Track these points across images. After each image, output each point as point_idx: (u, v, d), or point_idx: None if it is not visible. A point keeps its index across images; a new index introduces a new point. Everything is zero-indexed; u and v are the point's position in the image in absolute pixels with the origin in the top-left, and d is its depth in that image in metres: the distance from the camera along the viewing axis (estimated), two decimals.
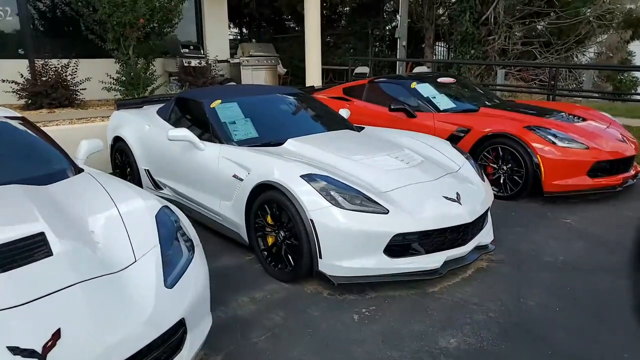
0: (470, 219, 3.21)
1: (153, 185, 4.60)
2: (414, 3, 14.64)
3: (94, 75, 7.71)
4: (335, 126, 4.40)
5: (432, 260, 3.10)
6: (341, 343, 2.62)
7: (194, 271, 2.20)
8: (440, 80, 6.15)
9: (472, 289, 3.19)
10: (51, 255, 1.86)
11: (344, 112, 4.93)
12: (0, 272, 1.73)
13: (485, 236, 3.52)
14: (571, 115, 5.49)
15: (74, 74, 7.49)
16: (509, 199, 4.91)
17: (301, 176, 3.11)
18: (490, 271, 3.43)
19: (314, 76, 9.73)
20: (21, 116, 3.23)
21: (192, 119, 4.40)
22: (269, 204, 3.26)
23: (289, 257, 3.18)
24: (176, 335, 1.98)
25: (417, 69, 12.21)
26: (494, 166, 5.01)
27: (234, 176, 3.54)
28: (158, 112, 4.80)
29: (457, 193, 3.31)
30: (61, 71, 7.33)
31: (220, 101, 4.14)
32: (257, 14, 17.34)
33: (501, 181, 4.97)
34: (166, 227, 2.29)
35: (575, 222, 4.38)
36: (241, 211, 3.48)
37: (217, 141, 3.89)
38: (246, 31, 19.50)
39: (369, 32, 15.87)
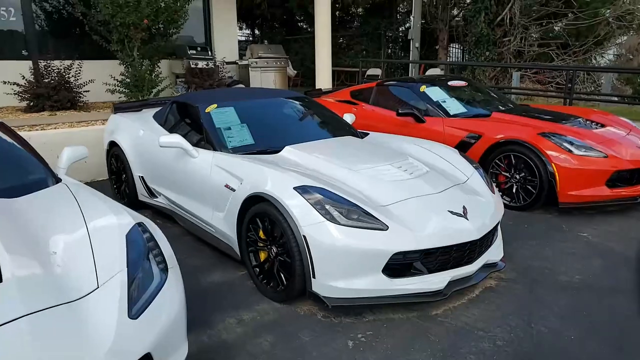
0: (478, 236, 2.96)
1: (148, 193, 4.43)
2: (428, 4, 14.34)
3: (98, 77, 7.61)
4: (337, 132, 4.18)
5: (435, 281, 2.85)
6: None
7: (165, 297, 2.00)
8: (451, 83, 5.89)
9: (479, 311, 2.93)
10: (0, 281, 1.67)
11: (348, 117, 4.70)
12: None
13: (495, 253, 3.27)
14: (589, 121, 5.19)
15: (78, 75, 7.38)
16: (521, 209, 4.63)
17: (294, 188, 2.89)
18: (499, 291, 3.17)
19: (324, 78, 9.53)
20: None
21: (187, 124, 4.21)
22: (261, 218, 3.05)
23: (281, 275, 2.97)
24: None
25: (430, 71, 11.92)
26: (506, 175, 4.74)
27: (226, 186, 3.34)
28: (154, 117, 4.63)
29: (464, 207, 3.07)
30: (64, 73, 7.22)
31: (215, 105, 3.94)
32: (269, 14, 17.18)
33: (513, 191, 4.70)
34: (137, 248, 2.09)
35: (593, 236, 4.09)
36: (233, 224, 3.28)
37: (210, 148, 3.70)
38: (258, 32, 19.37)
39: (382, 33, 15.60)
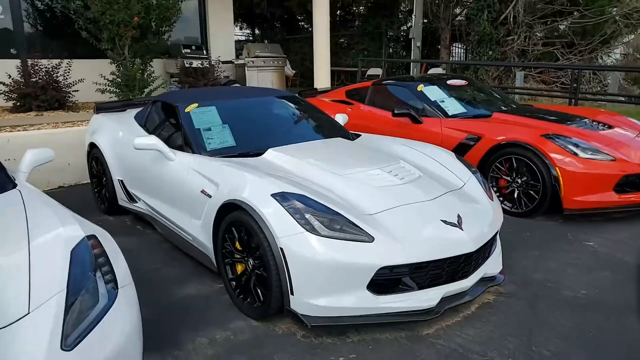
0: (474, 247, 2.70)
1: (127, 197, 4.19)
2: (430, 2, 14.07)
3: (88, 76, 7.39)
4: (327, 134, 3.92)
5: (426, 298, 2.60)
6: None
7: (113, 321, 1.75)
8: (450, 82, 5.62)
9: (474, 331, 2.67)
10: None
11: (340, 118, 4.44)
12: None
13: (493, 265, 3.01)
14: (595, 121, 4.91)
15: (67, 74, 7.16)
16: (523, 215, 4.36)
17: (272, 195, 2.64)
18: (497, 308, 2.91)
19: (322, 78, 9.30)
20: None
21: (168, 125, 3.97)
22: (237, 227, 2.80)
23: (258, 290, 2.72)
24: None
25: (432, 71, 11.65)
26: (507, 179, 4.48)
27: (202, 192, 3.09)
28: (135, 117, 4.40)
29: (459, 215, 2.81)
30: (52, 72, 7.00)
31: (196, 105, 3.70)
32: (269, 14, 16.95)
33: (515, 196, 4.43)
34: (82, 265, 1.85)
35: (599, 245, 3.82)
36: (210, 233, 3.03)
37: (189, 150, 3.46)
38: (258, 32, 19.15)
39: (383, 32, 15.34)
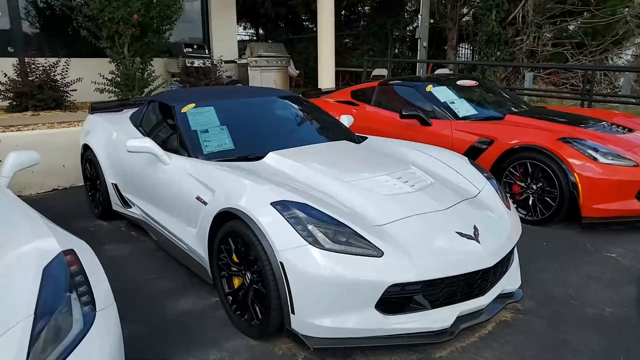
0: (492, 262, 2.47)
1: (121, 202, 3.98)
2: (437, 2, 13.82)
3: (87, 75, 7.18)
4: (331, 136, 3.70)
5: (439, 318, 2.37)
6: None
7: (87, 351, 1.54)
8: (460, 83, 5.39)
9: (492, 354, 2.44)
10: None
11: (345, 119, 4.22)
12: None
13: (511, 280, 2.77)
14: (614, 124, 4.67)
15: (65, 73, 6.97)
16: (538, 224, 4.13)
17: (272, 203, 2.42)
18: (516, 327, 2.68)
19: (326, 78, 9.10)
20: None
21: (164, 126, 3.76)
22: (234, 238, 2.58)
23: (256, 307, 2.50)
24: None
25: (439, 72, 11.40)
26: (522, 185, 4.24)
27: (198, 198, 2.88)
28: (131, 118, 4.19)
29: (475, 227, 2.58)
30: (50, 70, 6.81)
31: (193, 105, 3.49)
32: (273, 13, 16.75)
33: (530, 203, 4.20)
34: (54, 285, 1.64)
35: (622, 257, 3.58)
36: (205, 243, 2.82)
37: (185, 153, 3.24)
38: (262, 31, 18.95)
39: (389, 32, 15.10)
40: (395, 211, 2.54)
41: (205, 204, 2.81)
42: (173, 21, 7.56)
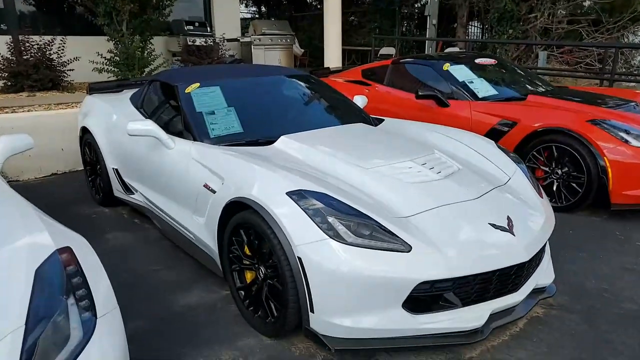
0: (528, 256, 2.27)
1: (123, 188, 3.78)
2: None
3: (85, 54, 6.94)
4: (346, 119, 3.46)
5: (471, 316, 2.17)
6: None
7: None
8: (479, 61, 5.11)
9: (526, 354, 2.25)
10: None
11: (359, 100, 3.98)
12: None
13: (544, 275, 2.57)
14: None
15: (61, 52, 6.70)
16: (562, 210, 3.91)
17: (288, 193, 2.21)
18: (549, 324, 2.49)
19: (333, 57, 8.84)
20: None
21: (165, 107, 3.53)
22: (246, 230, 2.38)
23: (271, 304, 2.31)
24: None
25: (448, 50, 11.06)
26: (546, 170, 4.01)
27: (205, 186, 2.67)
28: (131, 99, 3.95)
29: (508, 217, 2.37)
30: (45, 49, 6.54)
31: (197, 85, 3.25)
32: None
33: (554, 188, 3.97)
34: (49, 288, 1.45)
35: None
36: (214, 233, 2.61)
37: (190, 137, 3.02)
38: (265, 9, 18.49)
39: (396, 9, 14.65)
40: (422, 201, 2.33)
41: (213, 192, 2.60)
42: None
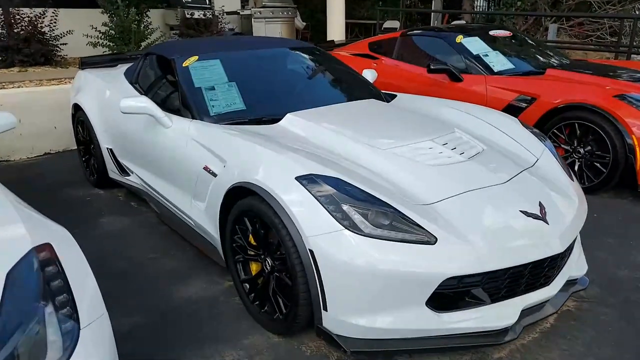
0: (563, 247, 2.05)
1: (118, 169, 3.55)
2: None
3: (78, 27, 6.60)
4: (356, 94, 3.21)
5: (501, 314, 1.96)
6: None
7: None
8: (493, 33, 4.82)
9: (560, 354, 2.06)
10: None
11: (368, 74, 3.71)
12: None
13: (576, 266, 2.36)
14: None
15: (53, 25, 6.37)
16: (586, 192, 3.65)
17: (297, 178, 1.98)
18: (582, 319, 2.29)
19: (336, 31, 8.51)
20: None
21: (162, 83, 3.27)
22: (250, 218, 2.16)
23: (279, 299, 2.10)
24: None
25: (455, 23, 10.66)
26: (567, 148, 3.78)
27: (205, 169, 2.44)
28: (125, 74, 3.69)
29: (541, 204, 2.14)
30: (36, 21, 6.21)
31: (196, 58, 2.99)
32: None
33: (576, 168, 3.74)
34: (22, 296, 1.23)
35: None
36: (215, 220, 2.40)
37: (188, 115, 2.78)
38: None
39: None
40: (446, 186, 2.10)
41: (214, 175, 2.37)
42: None
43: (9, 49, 6.01)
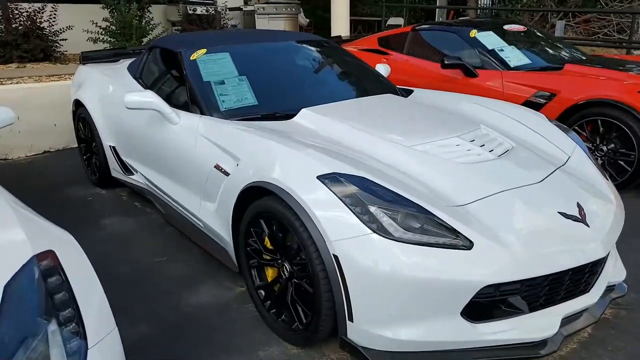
0: (605, 251, 1.91)
1: (121, 168, 3.39)
2: None
3: (78, 23, 6.44)
4: (372, 89, 3.05)
5: (541, 325, 1.81)
6: None
7: None
8: (508, 27, 4.67)
9: None
10: None
11: (382, 69, 3.56)
12: None
13: (615, 271, 2.21)
14: None
15: (52, 20, 6.21)
16: None
17: (319, 177, 1.83)
18: (621, 328, 2.14)
19: (340, 27, 8.38)
20: None
21: (168, 77, 3.12)
22: (267, 219, 2.01)
23: (299, 308, 1.95)
24: None
25: (461, 19, 10.50)
26: (589, 146, 3.62)
27: (217, 167, 2.29)
28: (129, 68, 3.53)
29: (579, 205, 1.99)
30: (35, 17, 6.05)
31: (204, 51, 2.84)
32: None
33: None
34: (23, 311, 1.09)
35: None
36: (228, 221, 2.24)
37: (196, 110, 2.62)
38: None
39: None
40: (478, 186, 1.95)
41: (226, 174, 2.22)
42: None
43: (7, 44, 5.86)
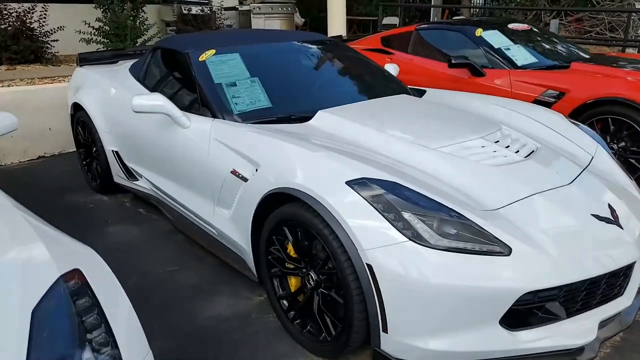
0: (639, 253, 1.86)
1: (125, 173, 3.28)
2: None
3: (70, 23, 6.30)
4: (385, 90, 2.98)
5: (578, 330, 1.76)
6: None
7: None
8: (512, 26, 4.63)
9: None
10: None
11: (391, 69, 3.50)
12: None
13: None
14: None
15: (43, 21, 6.05)
16: None
17: (348, 182, 1.75)
18: None
19: (337, 26, 8.27)
20: None
21: (175, 79, 3.02)
22: (291, 227, 1.92)
23: (327, 319, 1.87)
24: None
25: (455, 19, 10.49)
26: None
27: (234, 172, 2.20)
28: (131, 70, 3.42)
29: (610, 206, 1.94)
30: (24, 17, 5.89)
31: (213, 51, 2.74)
32: None
33: None
34: (52, 339, 0.99)
35: None
36: (246, 229, 2.16)
37: (208, 113, 2.53)
38: None
39: None
40: (511, 188, 1.89)
41: (244, 180, 2.13)
42: None
43: None
